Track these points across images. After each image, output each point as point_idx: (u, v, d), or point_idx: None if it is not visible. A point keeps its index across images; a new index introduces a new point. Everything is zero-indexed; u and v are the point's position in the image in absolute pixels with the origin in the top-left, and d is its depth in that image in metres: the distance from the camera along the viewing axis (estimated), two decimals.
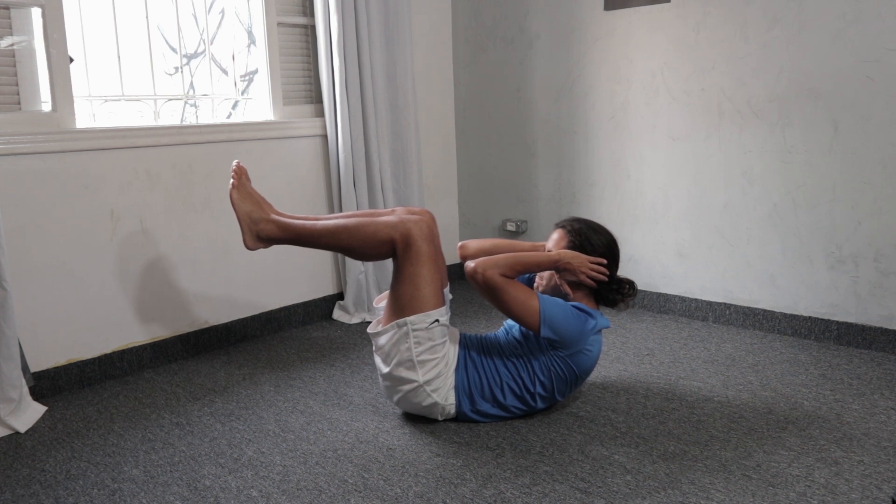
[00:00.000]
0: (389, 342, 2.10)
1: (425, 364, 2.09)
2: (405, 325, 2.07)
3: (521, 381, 2.13)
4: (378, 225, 2.12)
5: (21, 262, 2.39)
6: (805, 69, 2.73)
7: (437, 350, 2.10)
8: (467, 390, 2.13)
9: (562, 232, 2.25)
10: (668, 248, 3.21)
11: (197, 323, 2.89)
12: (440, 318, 2.09)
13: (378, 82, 3.25)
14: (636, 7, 3.12)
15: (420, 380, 2.09)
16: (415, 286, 2.08)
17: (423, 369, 2.08)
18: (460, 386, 2.13)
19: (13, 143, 2.34)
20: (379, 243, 2.12)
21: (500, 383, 2.14)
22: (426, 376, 2.09)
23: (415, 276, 2.08)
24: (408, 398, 2.13)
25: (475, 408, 2.15)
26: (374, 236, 2.12)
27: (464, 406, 2.14)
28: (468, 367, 2.15)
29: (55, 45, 2.44)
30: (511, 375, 2.14)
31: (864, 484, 1.80)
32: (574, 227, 2.24)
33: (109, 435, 2.19)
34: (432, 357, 2.09)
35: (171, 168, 2.75)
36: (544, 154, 3.57)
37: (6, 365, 2.21)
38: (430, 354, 2.09)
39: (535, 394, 2.14)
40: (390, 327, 2.09)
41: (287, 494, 1.82)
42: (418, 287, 2.08)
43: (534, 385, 2.13)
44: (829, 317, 2.81)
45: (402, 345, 2.08)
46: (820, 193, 2.77)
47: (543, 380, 2.12)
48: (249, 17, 3.08)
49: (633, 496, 1.77)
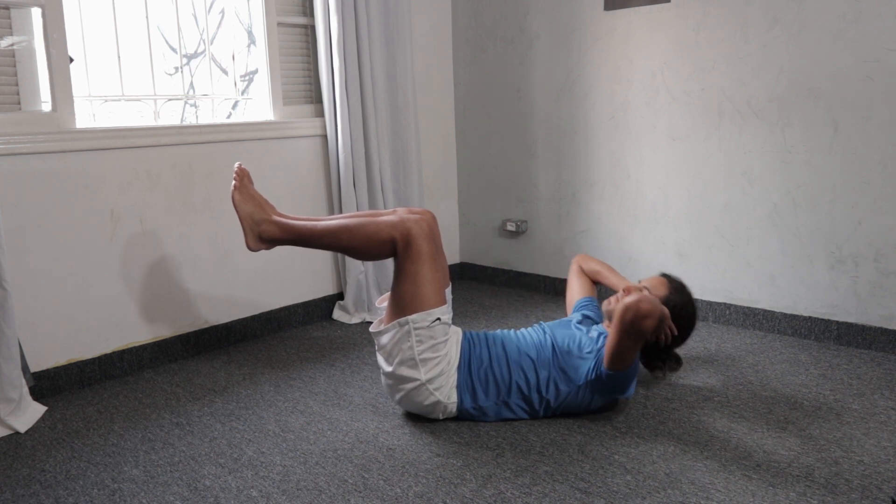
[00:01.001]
0: (391, 341, 2.10)
1: (427, 362, 2.09)
2: (407, 323, 2.07)
3: (530, 383, 2.14)
4: (379, 224, 2.13)
5: (21, 262, 2.39)
6: (805, 69, 2.73)
7: (438, 348, 2.10)
8: (470, 387, 2.14)
9: (665, 281, 2.28)
10: (668, 248, 3.21)
11: (197, 323, 2.89)
12: (441, 317, 2.09)
13: (378, 82, 3.25)
14: (636, 7, 3.12)
15: (422, 378, 2.09)
16: (415, 285, 2.08)
17: (424, 367, 2.09)
18: (463, 384, 2.13)
19: (13, 143, 2.34)
20: (380, 242, 2.12)
21: (509, 381, 2.15)
22: (428, 374, 2.09)
23: (415, 274, 2.08)
24: (410, 397, 2.13)
25: (477, 404, 2.15)
26: (374, 236, 2.13)
27: (465, 403, 2.14)
28: (472, 362, 2.15)
29: (55, 45, 2.44)
30: (522, 374, 2.14)
31: (864, 484, 1.80)
32: (675, 286, 2.27)
33: (109, 435, 2.19)
34: (434, 355, 2.09)
35: (171, 168, 2.75)
36: (544, 154, 3.57)
37: (6, 365, 2.21)
38: (432, 353, 2.09)
39: (543, 398, 2.15)
40: (392, 326, 2.10)
41: (287, 494, 1.82)
42: (419, 285, 2.08)
43: (545, 390, 2.14)
44: (829, 317, 2.81)
45: (403, 343, 2.08)
46: (820, 193, 2.77)
47: (553, 390, 2.14)
48: (249, 17, 3.08)
49: (633, 496, 1.77)
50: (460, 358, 2.16)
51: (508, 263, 3.83)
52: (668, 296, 2.24)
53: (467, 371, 2.14)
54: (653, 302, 1.93)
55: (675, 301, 2.23)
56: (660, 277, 2.30)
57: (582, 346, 2.17)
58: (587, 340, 2.19)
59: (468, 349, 2.19)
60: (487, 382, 2.15)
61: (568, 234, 3.54)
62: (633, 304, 1.91)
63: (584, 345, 2.18)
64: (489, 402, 2.15)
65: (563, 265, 3.58)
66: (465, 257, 4.02)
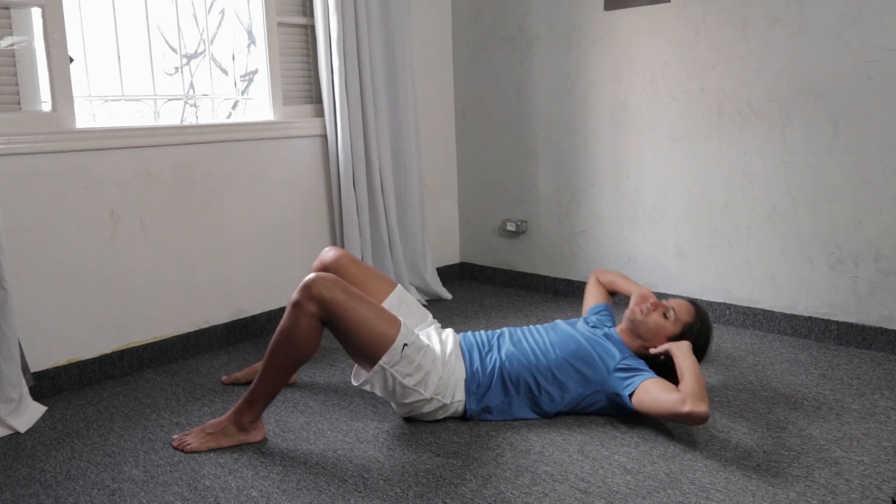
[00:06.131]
0: (381, 388, 2.08)
1: (424, 382, 2.07)
2: (382, 369, 2.01)
3: (540, 383, 2.15)
4: (287, 324, 1.97)
5: (21, 262, 2.39)
6: (805, 69, 2.73)
7: (423, 364, 2.06)
8: (478, 388, 2.15)
9: (692, 309, 2.25)
10: (668, 248, 3.21)
11: (197, 323, 2.89)
12: (406, 341, 2.02)
13: (378, 82, 3.25)
14: (636, 7, 3.12)
15: (428, 395, 2.09)
16: (363, 334, 1.98)
17: (424, 387, 2.08)
18: (470, 383, 2.15)
19: (13, 143, 2.34)
20: (306, 327, 1.95)
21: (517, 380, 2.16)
22: (429, 391, 2.09)
23: (355, 325, 1.97)
24: (424, 412, 2.14)
25: (485, 404, 2.15)
26: (294, 326, 1.96)
27: (472, 403, 2.15)
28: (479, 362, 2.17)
29: (55, 45, 2.44)
30: (532, 375, 2.15)
31: (864, 484, 1.80)
32: (702, 315, 2.25)
33: (109, 435, 2.19)
34: (424, 372, 2.07)
35: (171, 168, 2.75)
36: (544, 154, 3.57)
37: (6, 365, 2.21)
38: (420, 373, 2.06)
39: (553, 398, 2.16)
40: (371, 376, 2.05)
41: (287, 494, 1.82)
42: (367, 332, 1.98)
43: (555, 390, 2.15)
44: (829, 317, 2.81)
45: (392, 385, 2.05)
46: (820, 193, 2.77)
47: (561, 390, 2.16)
48: (249, 17, 3.08)
49: (633, 496, 1.77)
50: (465, 360, 2.17)
51: (508, 263, 3.83)
52: (692, 324, 2.22)
53: (473, 372, 2.15)
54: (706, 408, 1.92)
55: (697, 330, 2.23)
56: (688, 304, 2.27)
57: (603, 356, 2.16)
58: (607, 348, 2.18)
59: (473, 348, 2.21)
60: (495, 381, 2.15)
61: (568, 234, 3.54)
62: (699, 416, 1.90)
63: (605, 354, 2.16)
64: (496, 402, 2.16)
65: (563, 265, 3.58)
66: (465, 257, 4.02)
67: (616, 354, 2.16)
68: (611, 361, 2.15)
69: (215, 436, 2.07)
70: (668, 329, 2.21)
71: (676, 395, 1.94)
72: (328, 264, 2.35)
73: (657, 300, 2.29)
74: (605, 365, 2.15)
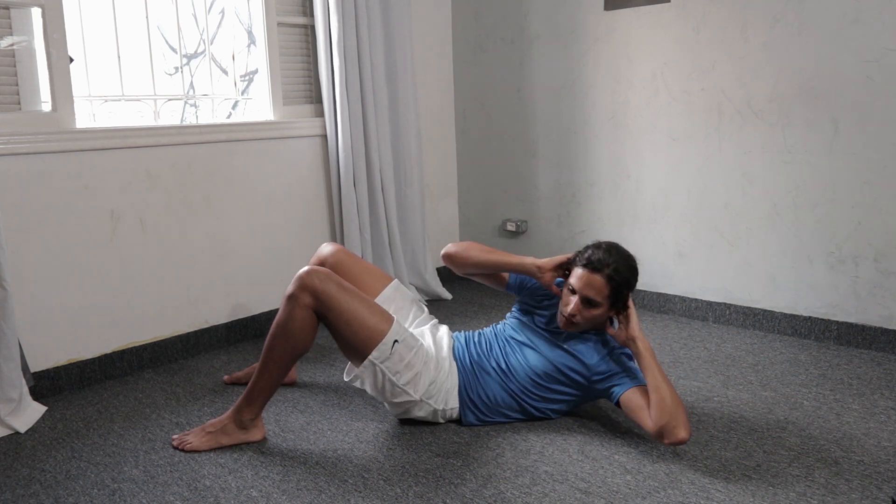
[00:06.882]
0: (371, 385, 2.06)
1: (413, 382, 2.05)
2: (372, 364, 2.00)
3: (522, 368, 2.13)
4: (282, 317, 2.00)
5: (21, 262, 2.39)
6: (805, 69, 2.73)
7: (414, 363, 2.04)
8: (468, 394, 2.14)
9: (602, 281, 1.97)
10: (668, 248, 3.21)
11: (197, 323, 2.89)
12: (397, 338, 2.01)
13: (378, 82, 3.25)
14: (636, 7, 3.12)
15: (417, 397, 2.07)
16: (354, 327, 1.97)
17: (413, 387, 2.05)
18: (462, 390, 2.14)
19: (13, 143, 2.34)
20: (301, 318, 1.97)
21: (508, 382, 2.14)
22: (419, 392, 2.07)
23: (347, 318, 1.97)
24: (414, 413, 2.12)
25: (478, 409, 2.15)
26: (290, 320, 1.98)
27: (467, 408, 2.14)
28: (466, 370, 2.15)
29: (55, 45, 2.44)
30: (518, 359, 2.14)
31: (864, 484, 1.80)
32: (616, 277, 1.98)
33: (109, 435, 2.19)
34: (414, 372, 2.04)
35: (171, 168, 2.75)
36: (544, 154, 3.57)
37: (6, 365, 2.21)
38: (410, 372, 2.03)
39: (537, 409, 2.14)
40: (361, 371, 2.03)
41: (287, 494, 1.82)
42: (359, 325, 1.97)
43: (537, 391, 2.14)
44: (828, 317, 2.81)
45: (382, 381, 2.03)
46: (820, 193, 2.77)
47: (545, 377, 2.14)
48: (249, 17, 3.08)
49: (633, 496, 1.77)
50: (457, 364, 2.16)
51: None
52: (611, 288, 1.99)
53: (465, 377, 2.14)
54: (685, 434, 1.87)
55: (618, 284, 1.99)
56: (597, 275, 1.97)
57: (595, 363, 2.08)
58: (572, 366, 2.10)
59: (466, 351, 2.20)
60: (489, 400, 2.14)
61: (568, 234, 3.54)
62: (679, 443, 1.88)
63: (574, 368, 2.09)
64: (494, 418, 2.15)
65: None
66: None
67: (586, 364, 2.07)
68: (585, 371, 2.08)
69: (215, 434, 2.07)
70: (601, 316, 2.03)
71: (651, 425, 1.90)
72: (325, 259, 2.34)
73: (565, 317, 2.04)
74: (581, 376, 2.09)
